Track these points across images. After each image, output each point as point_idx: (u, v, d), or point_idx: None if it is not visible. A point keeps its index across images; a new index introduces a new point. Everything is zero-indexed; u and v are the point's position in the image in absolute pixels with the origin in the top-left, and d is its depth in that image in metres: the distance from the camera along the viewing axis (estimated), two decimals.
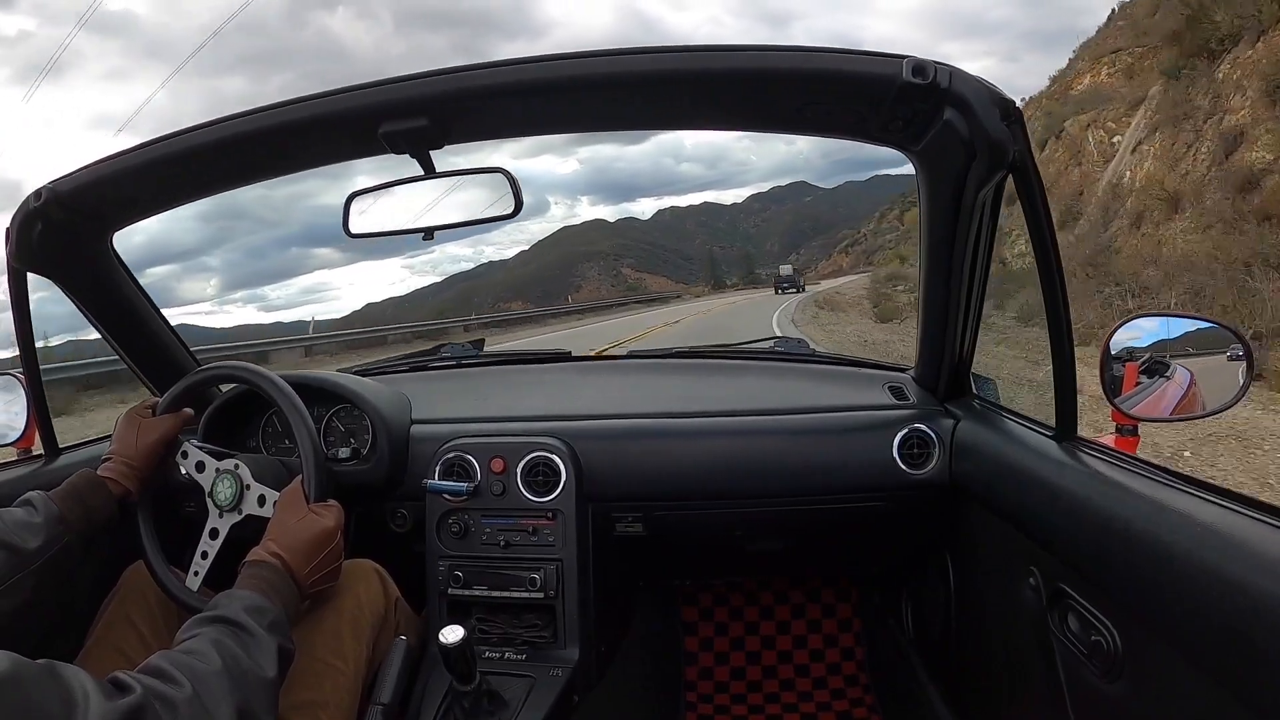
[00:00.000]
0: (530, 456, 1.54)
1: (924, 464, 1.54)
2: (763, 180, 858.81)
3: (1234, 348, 1.24)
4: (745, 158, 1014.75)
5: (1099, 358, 1.27)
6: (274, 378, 1.40)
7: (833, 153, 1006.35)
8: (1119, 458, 1.07)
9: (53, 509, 1.17)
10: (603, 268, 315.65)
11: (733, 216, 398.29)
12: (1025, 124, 1.05)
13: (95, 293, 1.50)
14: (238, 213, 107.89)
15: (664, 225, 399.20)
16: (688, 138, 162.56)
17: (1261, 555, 0.73)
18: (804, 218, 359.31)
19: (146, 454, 1.33)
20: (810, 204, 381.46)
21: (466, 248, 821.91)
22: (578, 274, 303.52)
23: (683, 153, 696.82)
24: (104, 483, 1.27)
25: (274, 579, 1.09)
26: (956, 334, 1.47)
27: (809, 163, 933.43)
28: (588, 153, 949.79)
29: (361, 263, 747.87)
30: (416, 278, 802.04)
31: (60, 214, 1.28)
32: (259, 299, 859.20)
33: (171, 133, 1.20)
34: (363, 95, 1.10)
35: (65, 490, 1.22)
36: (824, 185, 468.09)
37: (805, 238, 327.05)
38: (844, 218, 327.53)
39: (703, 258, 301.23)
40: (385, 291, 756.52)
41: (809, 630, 2.33)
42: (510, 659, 1.48)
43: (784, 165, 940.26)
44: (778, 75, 1.06)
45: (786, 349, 2.11)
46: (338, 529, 1.23)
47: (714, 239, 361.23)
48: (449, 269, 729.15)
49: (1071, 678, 1.07)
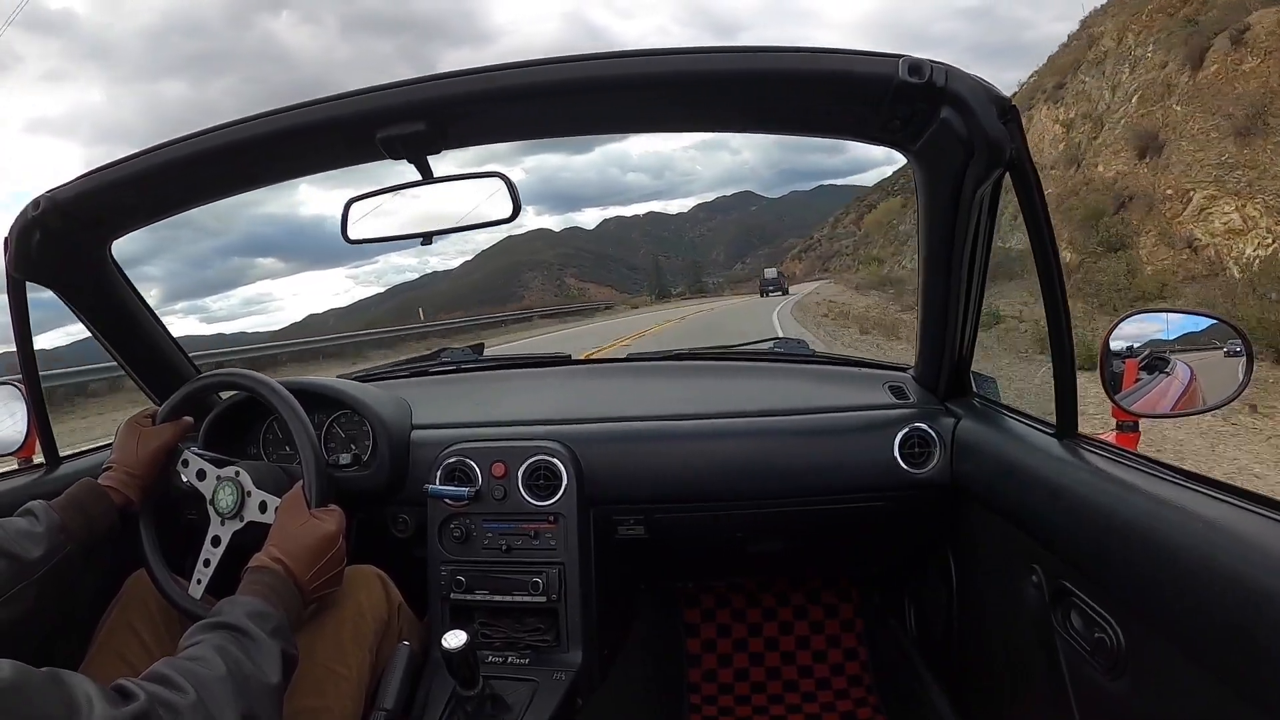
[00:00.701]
0: (531, 460, 1.54)
1: (925, 463, 1.53)
2: (708, 190, 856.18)
3: (1232, 343, 1.24)
4: (691, 168, 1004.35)
5: (1098, 355, 1.27)
6: (274, 384, 1.40)
7: (778, 163, 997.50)
8: (1120, 454, 1.07)
9: (54, 518, 1.17)
10: (546, 277, 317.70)
11: (678, 226, 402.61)
12: (1022, 122, 1.06)
13: (94, 301, 1.50)
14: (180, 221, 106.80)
15: (609, 235, 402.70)
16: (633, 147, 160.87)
17: (1265, 551, 0.73)
18: (749, 227, 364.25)
19: (147, 463, 1.33)
20: (756, 213, 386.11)
21: (411, 258, 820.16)
22: (520, 284, 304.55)
23: (629, 162, 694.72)
24: (105, 492, 1.27)
25: (276, 584, 1.09)
26: (956, 332, 1.47)
27: (755, 173, 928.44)
28: (534, 162, 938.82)
29: (305, 273, 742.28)
30: (361, 288, 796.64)
31: (59, 223, 1.28)
32: (200, 310, 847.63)
33: (170, 140, 1.20)
34: (360, 101, 1.10)
35: (67, 500, 1.22)
36: (770, 195, 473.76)
37: (751, 247, 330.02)
38: (789, 226, 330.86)
39: (648, 267, 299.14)
40: (329, 302, 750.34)
41: (811, 631, 2.32)
42: (513, 663, 1.48)
43: (730, 175, 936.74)
44: (775, 77, 1.06)
45: (786, 350, 2.11)
46: (339, 533, 1.23)
47: (659, 248, 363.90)
48: (394, 279, 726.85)
49: (1075, 675, 1.07)
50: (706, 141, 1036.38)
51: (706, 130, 1.25)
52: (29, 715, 0.65)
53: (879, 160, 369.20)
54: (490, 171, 1.23)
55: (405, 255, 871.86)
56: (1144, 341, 1.27)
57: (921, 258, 1.40)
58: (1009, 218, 1.22)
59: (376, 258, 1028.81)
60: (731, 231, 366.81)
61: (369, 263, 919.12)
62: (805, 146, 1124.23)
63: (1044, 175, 1.10)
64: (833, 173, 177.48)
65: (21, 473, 1.55)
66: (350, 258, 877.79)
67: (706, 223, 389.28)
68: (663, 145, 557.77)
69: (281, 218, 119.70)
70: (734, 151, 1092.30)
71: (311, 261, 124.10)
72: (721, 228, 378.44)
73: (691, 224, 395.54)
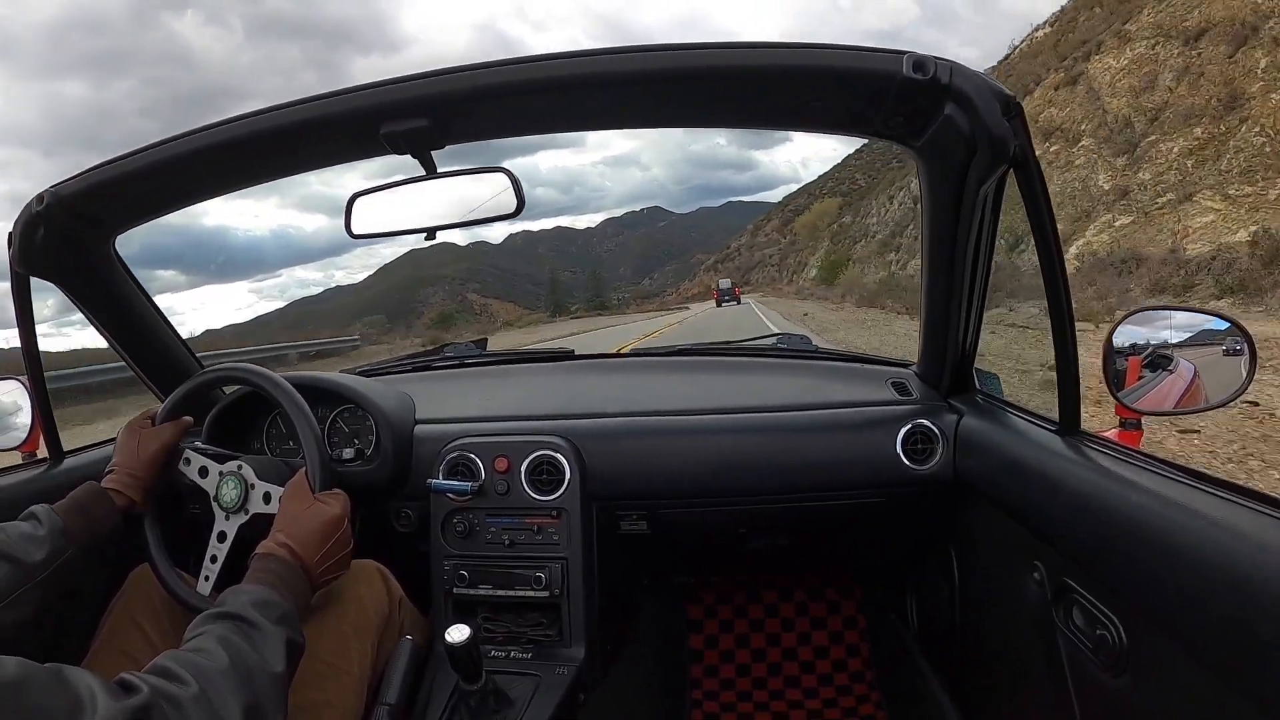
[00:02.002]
0: (534, 455, 1.54)
1: (928, 459, 1.54)
2: (618, 206, 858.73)
3: (1234, 340, 1.24)
4: (601, 184, 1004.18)
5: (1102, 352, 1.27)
6: (276, 377, 1.40)
7: (687, 179, 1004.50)
8: (1122, 452, 1.07)
9: (56, 522, 1.17)
10: (448, 292, 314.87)
11: (586, 241, 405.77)
12: (1026, 119, 1.05)
13: (98, 296, 1.50)
14: None
15: (515, 249, 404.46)
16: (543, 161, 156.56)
17: (1268, 549, 0.73)
18: (658, 242, 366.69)
19: (149, 463, 1.34)
20: (664, 229, 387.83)
21: (316, 271, 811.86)
22: (420, 299, 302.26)
23: (538, 176, 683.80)
24: (107, 494, 1.27)
25: (282, 571, 1.09)
26: (959, 329, 1.47)
27: (664, 189, 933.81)
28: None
29: (207, 286, 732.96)
30: (265, 302, 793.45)
31: (63, 218, 1.28)
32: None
33: (174, 135, 1.20)
34: (364, 96, 1.11)
35: (69, 503, 1.22)
36: (679, 210, 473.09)
37: (659, 262, 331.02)
38: (697, 241, 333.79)
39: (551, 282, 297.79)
40: (230, 317, 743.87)
41: (813, 627, 2.33)
42: (516, 658, 1.48)
43: (639, 191, 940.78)
44: (778, 72, 1.06)
45: (789, 345, 2.11)
46: (344, 516, 1.23)
47: (566, 263, 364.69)
48: (297, 293, 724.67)
49: (1076, 672, 1.07)
50: (616, 157, 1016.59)
51: (710, 126, 1.25)
52: (33, 711, 0.65)
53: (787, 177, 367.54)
54: (495, 167, 1.23)
55: (310, 269, 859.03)
56: (1147, 339, 1.27)
57: (925, 254, 1.40)
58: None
59: (280, 271, 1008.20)
60: (640, 247, 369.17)
61: (271, 276, 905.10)
62: (715, 163, 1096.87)
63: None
64: (741, 189, 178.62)
65: (25, 468, 1.56)
66: (253, 271, 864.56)
67: (614, 238, 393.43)
68: (572, 160, 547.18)
69: (181, 228, 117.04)
70: (644, 168, 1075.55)
71: (214, 275, 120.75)
72: (630, 242, 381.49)
73: (600, 239, 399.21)
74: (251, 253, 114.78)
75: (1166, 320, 1.29)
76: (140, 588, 1.34)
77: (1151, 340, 1.27)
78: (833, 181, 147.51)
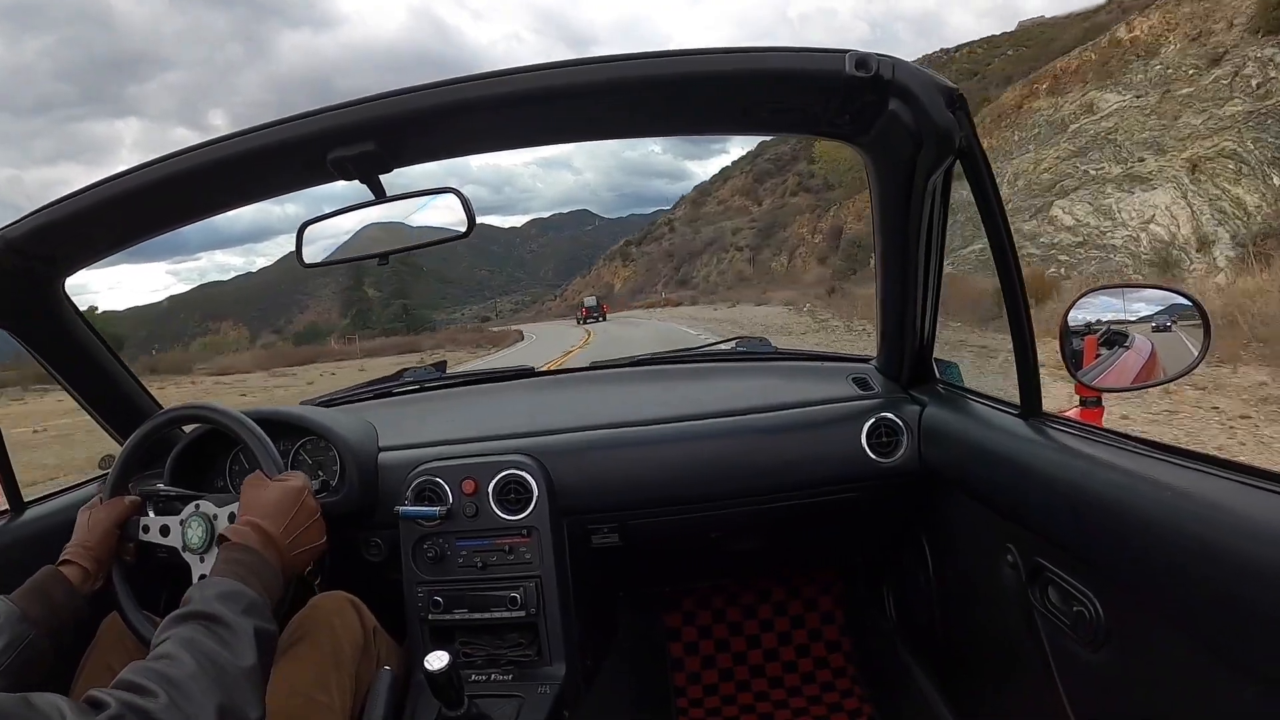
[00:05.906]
0: (501, 475, 1.53)
1: (893, 452, 1.55)
2: (547, 208, 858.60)
3: (1188, 313, 1.27)
4: (531, 185, 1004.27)
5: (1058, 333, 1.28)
6: (230, 410, 1.38)
7: (620, 186, 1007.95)
8: (1085, 430, 1.09)
9: (13, 609, 1.14)
10: (336, 288, 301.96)
11: (509, 240, 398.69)
12: (970, 110, 1.07)
13: (48, 338, 1.46)
14: None
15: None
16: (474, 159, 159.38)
17: (1235, 514, 0.74)
18: (583, 245, 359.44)
19: (102, 541, 1.30)
20: (591, 232, 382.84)
21: (237, 256, 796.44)
22: (307, 292, 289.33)
23: (468, 174, 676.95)
24: (64, 577, 1.24)
25: (249, 560, 1.07)
26: (916, 321, 1.48)
27: (595, 194, 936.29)
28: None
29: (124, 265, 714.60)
30: (181, 284, 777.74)
31: (12, 261, 1.25)
32: None
33: (121, 171, 1.18)
34: (309, 123, 1.09)
35: (27, 588, 1.19)
36: (608, 215, 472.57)
37: (583, 265, 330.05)
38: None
39: (468, 281, 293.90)
40: (145, 298, 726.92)
41: (793, 626, 2.33)
42: (497, 680, 1.47)
43: (570, 195, 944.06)
44: (724, 78, 1.06)
45: (749, 349, 2.11)
46: (305, 488, 1.23)
47: (485, 262, 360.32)
48: (214, 277, 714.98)
49: (1056, 650, 1.08)
50: (548, 158, 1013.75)
51: (654, 135, 1.26)
52: None
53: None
54: (444, 188, 1.23)
55: (230, 253, 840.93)
56: (1101, 318, 1.29)
57: (878, 248, 1.41)
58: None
59: (199, 254, 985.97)
60: (565, 249, 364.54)
61: (190, 259, 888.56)
62: (649, 171, 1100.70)
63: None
64: (674, 198, 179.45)
65: None
66: (172, 253, 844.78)
67: (539, 239, 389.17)
68: (504, 160, 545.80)
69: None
70: (576, 171, 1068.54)
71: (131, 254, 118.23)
72: (555, 244, 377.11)
73: (524, 239, 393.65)
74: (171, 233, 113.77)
75: (1119, 298, 1.31)
76: (113, 634, 1.31)
77: (1103, 319, 1.29)
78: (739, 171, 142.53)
